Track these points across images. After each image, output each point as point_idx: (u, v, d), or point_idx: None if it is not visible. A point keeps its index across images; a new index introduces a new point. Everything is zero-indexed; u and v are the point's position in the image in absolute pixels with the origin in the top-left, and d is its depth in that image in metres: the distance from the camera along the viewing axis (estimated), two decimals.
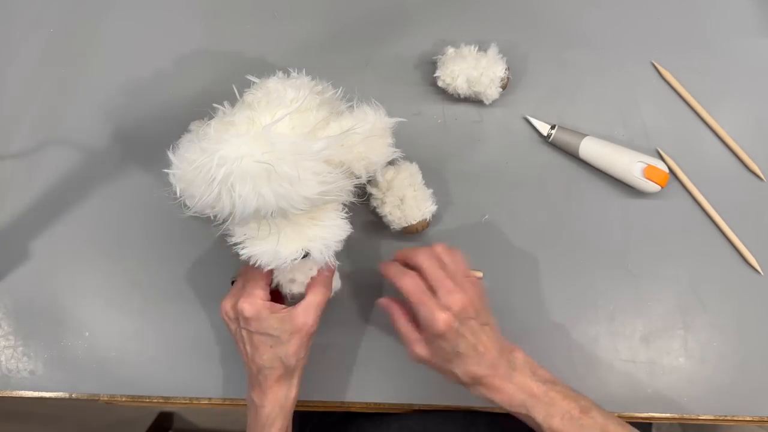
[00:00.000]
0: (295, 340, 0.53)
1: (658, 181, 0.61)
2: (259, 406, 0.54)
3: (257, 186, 0.44)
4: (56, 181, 0.66)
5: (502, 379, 0.51)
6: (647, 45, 0.66)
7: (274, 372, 0.53)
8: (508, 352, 0.53)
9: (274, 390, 0.54)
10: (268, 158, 0.43)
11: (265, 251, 0.49)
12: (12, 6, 0.69)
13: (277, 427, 0.54)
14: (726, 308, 0.64)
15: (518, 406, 0.51)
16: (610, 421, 0.51)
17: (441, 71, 0.62)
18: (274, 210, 0.45)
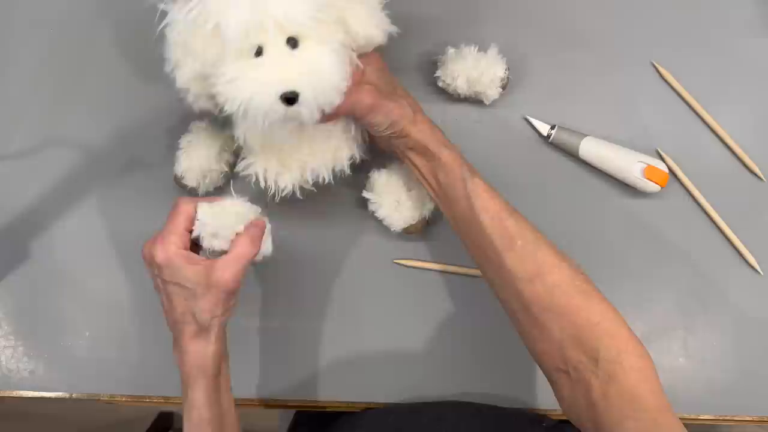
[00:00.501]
0: (211, 296, 0.48)
1: (658, 181, 0.61)
2: (179, 365, 0.51)
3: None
4: (56, 181, 0.66)
5: (435, 125, 0.55)
6: (647, 45, 0.66)
7: (188, 327, 0.50)
8: (415, 106, 0.55)
9: (190, 348, 0.50)
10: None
11: (250, 82, 0.45)
12: (12, 6, 0.69)
13: (199, 388, 0.50)
14: (726, 308, 0.64)
15: (450, 147, 0.53)
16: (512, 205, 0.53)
17: (441, 71, 0.62)
18: (268, 18, 0.44)
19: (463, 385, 0.64)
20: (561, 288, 0.47)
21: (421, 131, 0.53)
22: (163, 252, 0.48)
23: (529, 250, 0.49)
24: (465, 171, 0.52)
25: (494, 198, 0.51)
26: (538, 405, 0.64)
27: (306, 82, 0.45)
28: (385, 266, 0.65)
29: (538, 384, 0.64)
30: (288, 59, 0.46)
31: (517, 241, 0.49)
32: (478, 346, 0.64)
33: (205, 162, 0.60)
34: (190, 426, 0.50)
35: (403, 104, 0.53)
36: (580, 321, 0.46)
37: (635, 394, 0.44)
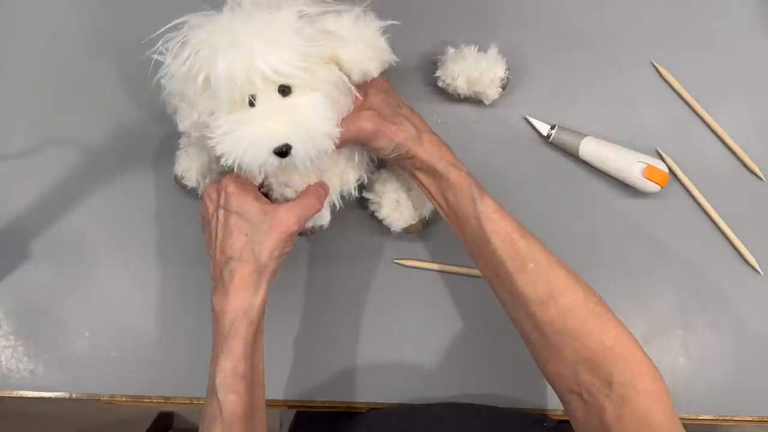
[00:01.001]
0: (274, 235, 0.48)
1: (658, 181, 0.61)
2: (219, 313, 0.49)
3: (242, 53, 0.44)
4: (56, 181, 0.66)
5: (443, 142, 0.54)
6: (647, 45, 0.66)
7: (243, 267, 0.48)
8: (422, 126, 0.55)
9: (238, 292, 0.48)
10: (253, 29, 0.44)
11: (243, 137, 0.45)
12: (12, 6, 0.69)
13: (240, 335, 0.48)
14: (726, 308, 0.64)
15: (459, 168, 0.52)
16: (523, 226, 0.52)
17: (441, 71, 0.62)
18: (255, 72, 0.44)
19: (463, 385, 0.64)
20: (574, 311, 0.47)
21: (428, 151, 0.53)
22: (237, 182, 0.49)
23: (541, 273, 0.48)
24: (474, 191, 0.51)
25: (505, 218, 0.50)
26: (539, 405, 0.64)
27: (297, 135, 0.46)
28: (385, 266, 0.65)
29: (538, 384, 0.64)
30: (279, 110, 0.46)
31: (528, 264, 0.48)
32: (479, 346, 0.64)
33: (205, 162, 0.60)
34: (223, 378, 0.48)
35: (407, 126, 0.53)
36: (594, 344, 0.46)
37: (649, 417, 0.44)
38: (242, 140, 0.45)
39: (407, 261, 0.64)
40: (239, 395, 0.48)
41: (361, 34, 0.50)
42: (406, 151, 0.52)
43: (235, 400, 0.48)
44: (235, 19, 0.46)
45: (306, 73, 0.46)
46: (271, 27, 0.45)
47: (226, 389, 0.48)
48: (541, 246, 0.50)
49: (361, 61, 0.50)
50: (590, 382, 0.46)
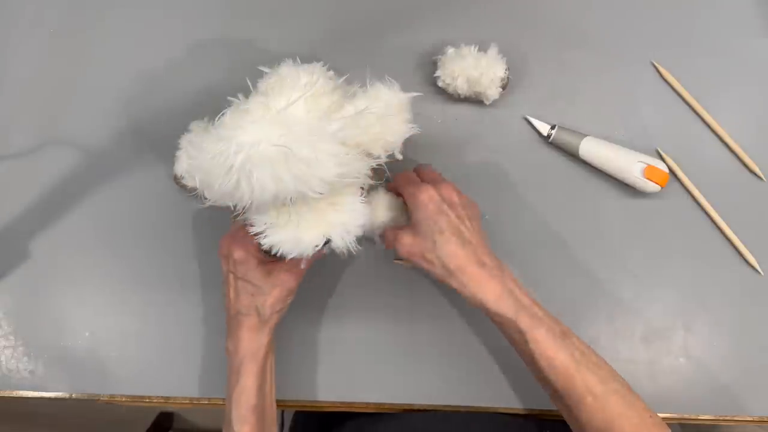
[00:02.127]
0: (275, 293, 0.54)
1: (658, 181, 0.61)
2: (232, 353, 0.55)
3: (275, 170, 0.44)
4: (56, 181, 0.66)
5: (488, 274, 0.51)
6: (647, 45, 0.66)
7: (249, 319, 0.55)
8: (497, 259, 0.53)
9: (246, 337, 0.55)
10: (284, 141, 0.43)
11: (286, 239, 0.49)
12: (12, 6, 0.69)
13: (249, 371, 0.54)
14: (726, 308, 0.64)
15: (504, 307, 0.50)
16: (589, 349, 0.52)
17: (441, 71, 0.62)
18: (292, 194, 0.45)
19: (464, 385, 0.64)
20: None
21: (464, 288, 0.51)
22: (243, 252, 0.54)
23: (598, 406, 0.49)
24: (523, 329, 0.50)
25: (558, 353, 0.50)
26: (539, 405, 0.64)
27: (336, 232, 0.50)
28: (385, 266, 0.65)
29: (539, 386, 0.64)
30: (319, 210, 0.49)
31: (586, 398, 0.49)
32: (479, 347, 0.64)
33: None
34: (239, 412, 0.54)
35: (432, 259, 0.52)
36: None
37: None
38: (288, 241, 0.49)
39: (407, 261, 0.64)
40: (252, 427, 0.54)
41: (390, 106, 0.51)
42: (436, 277, 0.53)
43: (249, 431, 0.54)
44: (274, 125, 0.45)
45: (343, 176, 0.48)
46: (311, 141, 0.45)
47: (241, 421, 0.54)
48: (597, 373, 0.50)
49: (401, 132, 0.52)
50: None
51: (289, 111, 0.46)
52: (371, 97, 0.50)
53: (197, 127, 0.61)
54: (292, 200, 0.46)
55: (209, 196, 0.48)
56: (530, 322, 0.50)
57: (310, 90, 0.48)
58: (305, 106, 0.48)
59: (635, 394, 0.51)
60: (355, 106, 0.49)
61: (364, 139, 0.49)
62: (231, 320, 0.56)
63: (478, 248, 0.52)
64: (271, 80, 0.51)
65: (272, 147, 0.43)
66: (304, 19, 0.68)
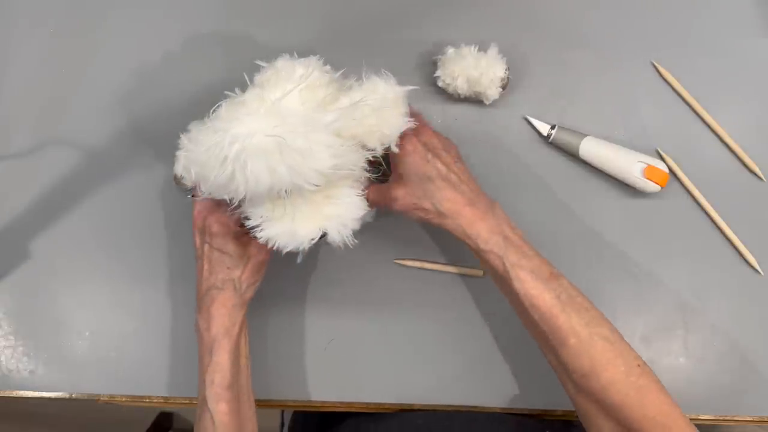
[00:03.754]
0: (250, 266, 0.55)
1: (658, 181, 0.61)
2: (204, 331, 0.54)
3: (270, 161, 0.44)
4: (56, 181, 0.66)
5: (480, 213, 0.52)
6: (647, 45, 0.66)
7: (223, 294, 0.54)
8: (488, 198, 0.54)
9: (220, 313, 0.53)
10: (279, 132, 0.43)
11: (282, 232, 0.49)
12: (12, 6, 0.69)
13: (223, 348, 0.53)
14: (726, 308, 0.64)
15: (493, 244, 0.50)
16: (578, 292, 0.51)
17: (441, 71, 0.62)
18: (288, 186, 0.45)
19: (464, 385, 0.64)
20: (615, 386, 0.47)
21: (455, 227, 0.52)
22: (220, 224, 0.54)
23: (582, 348, 0.49)
24: (508, 268, 0.50)
25: (543, 294, 0.49)
26: (539, 405, 0.64)
27: (332, 225, 0.50)
28: (385, 266, 0.65)
29: (539, 384, 0.64)
30: (314, 203, 0.49)
31: (570, 339, 0.49)
32: (479, 347, 0.64)
33: None
34: (213, 390, 0.52)
35: (428, 205, 0.52)
36: (635, 416, 0.47)
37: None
38: (284, 234, 0.49)
39: (407, 261, 0.64)
40: (229, 404, 0.52)
41: (386, 99, 0.51)
42: (431, 223, 0.53)
43: (225, 409, 0.52)
44: (269, 116, 0.45)
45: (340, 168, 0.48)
46: (306, 132, 0.45)
47: (216, 399, 0.52)
48: (583, 316, 0.49)
49: (398, 125, 0.52)
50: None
51: (283, 102, 0.46)
52: (367, 90, 0.50)
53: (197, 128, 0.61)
54: (287, 193, 0.46)
55: (205, 189, 0.48)
56: (517, 261, 0.50)
57: (304, 81, 0.48)
58: (300, 97, 0.48)
59: (626, 342, 0.49)
60: (351, 98, 0.49)
61: (359, 131, 0.49)
62: (203, 296, 0.55)
63: (469, 190, 0.53)
64: (267, 73, 0.51)
65: (267, 138, 0.43)
66: (303, 19, 0.68)
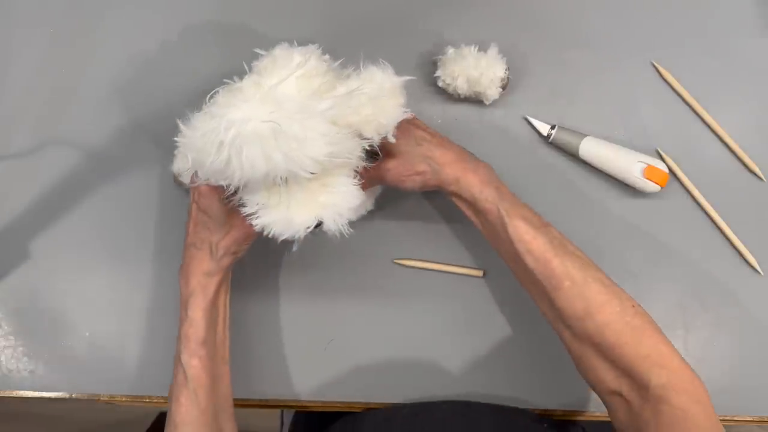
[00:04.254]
0: (232, 234, 0.54)
1: (658, 181, 0.61)
2: (182, 286, 0.55)
3: (265, 147, 0.44)
4: (56, 181, 0.66)
5: (472, 166, 0.54)
6: (647, 45, 0.66)
7: (200, 254, 0.54)
8: (479, 159, 0.56)
9: (197, 271, 0.54)
10: (275, 118, 0.44)
11: (278, 219, 0.49)
12: (12, 6, 0.69)
13: (197, 305, 0.53)
14: (726, 308, 0.64)
15: (487, 193, 0.52)
16: (568, 240, 0.52)
17: (441, 71, 0.62)
18: (283, 173, 0.45)
19: (464, 384, 0.64)
20: (611, 326, 0.48)
21: (451, 181, 0.54)
22: (209, 186, 0.52)
23: (576, 291, 0.49)
24: (503, 215, 0.52)
25: (536, 238, 0.51)
26: (539, 405, 0.64)
27: (328, 214, 0.49)
28: (385, 266, 0.65)
29: (539, 384, 0.64)
30: (310, 190, 0.49)
31: (564, 282, 0.50)
32: (479, 346, 0.64)
33: None
34: (187, 344, 0.53)
35: (421, 164, 0.54)
36: (631, 355, 0.47)
37: (687, 414, 0.45)
38: (279, 222, 0.49)
39: (407, 261, 0.64)
40: (201, 360, 0.53)
41: (383, 89, 0.51)
42: (428, 185, 0.54)
43: (198, 365, 0.53)
44: (264, 102, 0.45)
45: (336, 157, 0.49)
46: (302, 118, 0.45)
47: (189, 354, 0.53)
48: (576, 261, 0.50)
49: (395, 115, 0.52)
50: (629, 386, 0.48)
51: (280, 89, 0.46)
52: (364, 80, 0.50)
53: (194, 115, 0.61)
54: (283, 180, 0.46)
55: (201, 175, 0.48)
56: (510, 209, 0.52)
57: (301, 68, 0.48)
58: (297, 85, 0.48)
59: (616, 284, 0.50)
60: (348, 87, 0.49)
61: (355, 120, 0.49)
62: (185, 251, 0.55)
63: (460, 149, 0.56)
64: (264, 61, 0.51)
65: (262, 124, 0.43)
66: (303, 19, 0.68)
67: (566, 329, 0.51)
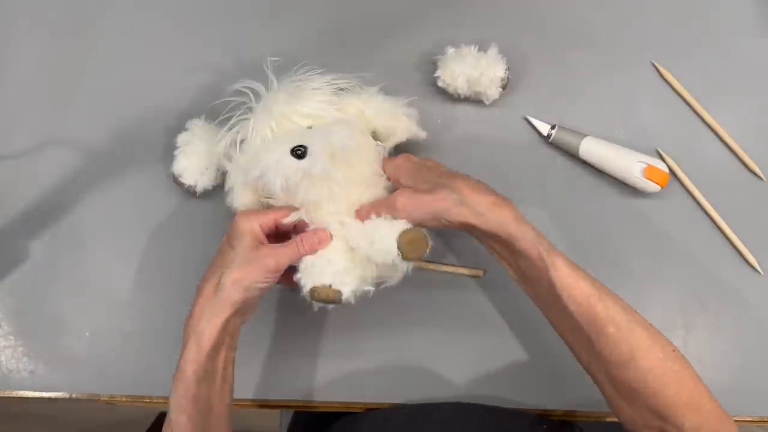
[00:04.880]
0: (248, 268, 0.49)
1: (658, 181, 0.61)
2: (184, 329, 0.50)
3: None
4: (56, 181, 0.66)
5: (501, 200, 0.50)
6: (647, 45, 0.66)
7: (207, 287, 0.49)
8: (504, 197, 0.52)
9: (195, 313, 0.49)
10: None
11: (267, 151, 0.51)
12: (12, 6, 0.69)
13: (190, 358, 0.48)
14: (726, 308, 0.64)
15: (525, 230, 0.48)
16: (598, 282, 0.50)
17: (441, 71, 0.62)
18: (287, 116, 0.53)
19: (463, 385, 0.64)
20: (653, 372, 0.47)
21: (480, 216, 0.49)
22: (243, 218, 0.51)
23: (621, 337, 0.47)
24: (544, 256, 0.48)
25: (579, 281, 0.48)
26: (538, 405, 0.64)
27: (313, 136, 0.50)
28: None
29: (538, 384, 0.64)
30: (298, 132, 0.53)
31: (608, 328, 0.47)
32: (479, 347, 0.64)
33: (203, 160, 0.60)
34: (175, 395, 0.50)
35: (445, 194, 0.49)
36: (669, 400, 0.47)
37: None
38: (266, 153, 0.51)
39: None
40: (189, 417, 0.49)
41: (383, 104, 0.57)
42: (452, 220, 0.50)
43: (185, 423, 0.49)
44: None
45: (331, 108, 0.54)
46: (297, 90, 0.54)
47: (177, 410, 0.49)
48: (620, 305, 0.48)
49: (383, 119, 0.56)
50: (662, 427, 0.47)
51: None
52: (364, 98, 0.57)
53: (194, 125, 0.62)
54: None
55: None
56: (550, 248, 0.48)
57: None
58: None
59: (654, 326, 0.49)
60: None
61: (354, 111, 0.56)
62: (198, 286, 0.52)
63: (476, 181, 0.52)
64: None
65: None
66: (303, 19, 0.68)
67: (604, 374, 0.49)
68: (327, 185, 0.52)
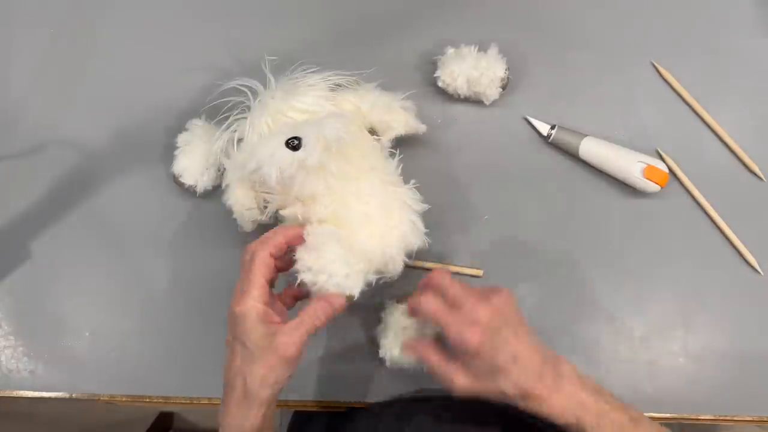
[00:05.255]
0: (267, 360, 0.46)
1: (658, 181, 0.61)
2: (219, 424, 0.49)
3: None
4: (56, 181, 0.66)
5: (550, 389, 0.48)
6: (647, 45, 0.66)
7: (234, 392, 0.47)
8: (553, 360, 0.50)
9: (228, 415, 0.47)
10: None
11: (262, 146, 0.51)
12: (12, 6, 0.69)
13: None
14: (726, 308, 0.64)
15: (569, 416, 0.48)
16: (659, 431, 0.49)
17: (441, 71, 0.62)
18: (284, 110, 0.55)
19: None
20: None
21: (532, 408, 0.48)
22: (240, 306, 0.47)
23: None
24: (588, 426, 0.47)
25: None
26: None
27: (307, 128, 0.50)
28: None
29: None
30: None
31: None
32: None
33: (203, 160, 0.60)
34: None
35: (505, 383, 0.48)
36: None
37: None
38: (262, 146, 0.51)
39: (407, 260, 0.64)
40: None
41: (380, 98, 0.59)
42: (517, 404, 0.49)
43: None
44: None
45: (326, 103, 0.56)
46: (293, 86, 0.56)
47: None
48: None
49: (379, 113, 0.58)
50: None
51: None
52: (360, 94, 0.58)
53: (194, 125, 0.62)
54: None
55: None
56: (595, 422, 0.48)
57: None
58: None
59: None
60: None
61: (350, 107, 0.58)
62: (223, 387, 0.49)
63: (532, 363, 0.49)
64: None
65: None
66: (303, 19, 0.68)
67: None
68: (323, 178, 0.52)
